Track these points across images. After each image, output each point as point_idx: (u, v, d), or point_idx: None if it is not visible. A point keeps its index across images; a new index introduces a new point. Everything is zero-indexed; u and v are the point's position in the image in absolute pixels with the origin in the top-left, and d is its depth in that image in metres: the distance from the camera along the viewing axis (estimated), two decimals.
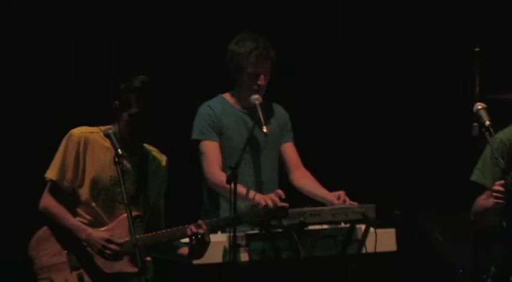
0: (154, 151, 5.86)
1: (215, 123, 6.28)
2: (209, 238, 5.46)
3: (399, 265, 6.82)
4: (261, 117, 5.84)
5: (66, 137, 5.62)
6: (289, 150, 6.30)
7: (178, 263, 5.86)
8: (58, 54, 8.79)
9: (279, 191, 5.83)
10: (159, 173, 5.77)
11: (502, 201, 5.24)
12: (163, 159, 5.76)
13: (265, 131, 5.80)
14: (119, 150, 5.33)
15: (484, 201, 5.34)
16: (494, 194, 5.26)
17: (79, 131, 5.70)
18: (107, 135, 5.56)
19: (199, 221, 5.45)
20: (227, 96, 6.29)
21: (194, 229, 5.32)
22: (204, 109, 6.29)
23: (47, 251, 5.74)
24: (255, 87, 6.07)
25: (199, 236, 5.35)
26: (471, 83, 6.69)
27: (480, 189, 5.40)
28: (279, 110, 6.42)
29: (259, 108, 5.90)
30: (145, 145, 5.85)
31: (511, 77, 7.32)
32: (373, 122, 8.30)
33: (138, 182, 5.77)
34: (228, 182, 5.48)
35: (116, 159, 5.39)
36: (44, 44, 8.83)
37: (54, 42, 8.87)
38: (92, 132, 5.69)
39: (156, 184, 5.82)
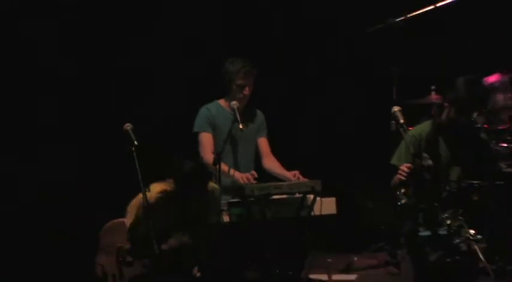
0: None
1: (210, 120, 7.45)
2: None
3: (339, 225, 7.78)
4: (238, 118, 6.93)
5: None
6: (262, 143, 7.59)
7: None
8: None
9: (253, 172, 7.13)
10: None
11: (403, 177, 6.47)
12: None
13: (240, 127, 6.90)
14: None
15: (397, 178, 6.58)
16: (399, 172, 6.49)
17: None
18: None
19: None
20: (221, 101, 7.50)
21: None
22: (203, 110, 7.51)
23: (112, 238, 6.89)
24: (241, 95, 7.28)
25: None
26: (390, 91, 7.58)
27: (396, 169, 6.62)
28: (258, 113, 7.62)
29: (236, 111, 6.98)
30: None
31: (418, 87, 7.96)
32: (323, 120, 9.31)
33: None
34: (214, 164, 6.71)
35: None
36: None
37: None
38: None
39: None
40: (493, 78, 8.00)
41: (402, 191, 6.52)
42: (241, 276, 7.07)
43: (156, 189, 6.75)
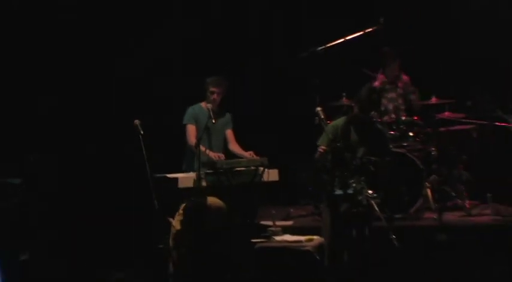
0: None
1: (194, 116, 8.06)
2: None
3: (280, 187, 8.12)
4: (211, 115, 7.55)
5: None
6: (229, 133, 8.19)
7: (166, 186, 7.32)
8: None
9: (222, 154, 7.86)
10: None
11: (320, 155, 7.08)
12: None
13: (213, 121, 7.56)
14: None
15: (318, 153, 7.14)
16: (319, 150, 7.12)
17: None
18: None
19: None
20: (202, 103, 8.11)
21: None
22: (189, 109, 8.11)
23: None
24: (212, 99, 7.95)
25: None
26: (313, 95, 8.25)
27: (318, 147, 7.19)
28: (226, 113, 8.17)
29: (211, 111, 7.62)
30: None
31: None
32: (272, 116, 9.77)
33: None
34: (195, 147, 7.37)
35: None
36: None
37: None
38: None
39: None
40: (377, 82, 9.01)
41: (323, 163, 7.10)
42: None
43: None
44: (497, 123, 8.06)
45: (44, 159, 8.36)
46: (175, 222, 7.18)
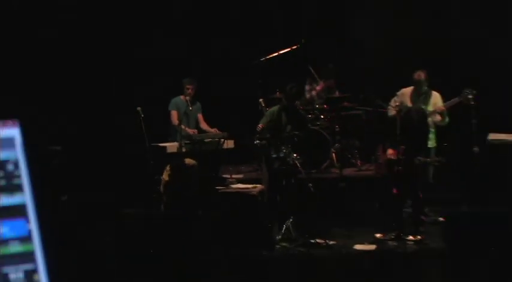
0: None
1: (176, 105, 7.88)
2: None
3: (235, 153, 8.13)
4: (189, 104, 7.72)
5: None
6: (200, 116, 8.04)
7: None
8: None
9: (195, 130, 7.77)
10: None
11: (261, 130, 7.08)
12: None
13: (190, 108, 7.73)
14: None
15: (259, 127, 7.14)
16: (258, 127, 7.13)
17: None
18: None
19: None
20: (182, 96, 7.92)
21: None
22: (173, 100, 7.92)
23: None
24: (187, 93, 7.84)
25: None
26: (257, 90, 8.34)
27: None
28: (197, 102, 7.99)
29: (187, 101, 7.75)
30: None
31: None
32: (231, 104, 9.18)
33: None
34: (178, 125, 7.45)
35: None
36: None
37: None
38: None
39: None
40: (319, 87, 9.10)
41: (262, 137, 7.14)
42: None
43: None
44: (378, 109, 8.06)
45: (77, 131, 8.19)
46: (165, 175, 7.32)
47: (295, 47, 8.70)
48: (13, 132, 1.86)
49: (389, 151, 6.68)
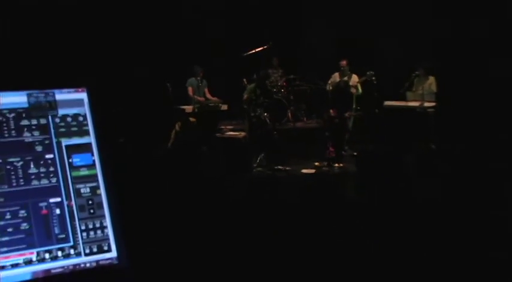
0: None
1: (191, 83, 7.82)
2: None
3: (228, 112, 7.77)
4: (199, 82, 7.59)
5: None
6: (207, 90, 7.88)
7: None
8: None
9: (203, 98, 7.65)
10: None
11: (245, 100, 6.90)
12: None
13: (200, 84, 7.69)
14: None
15: (245, 97, 7.05)
16: (244, 96, 7.09)
17: None
18: None
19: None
20: (194, 77, 7.71)
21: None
22: (189, 80, 7.79)
23: None
24: (198, 75, 7.55)
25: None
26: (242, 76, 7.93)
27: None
28: (204, 80, 7.61)
29: (198, 80, 7.47)
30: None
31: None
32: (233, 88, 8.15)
33: None
34: (192, 95, 7.59)
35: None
36: None
37: None
38: None
39: None
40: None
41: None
42: None
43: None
44: (318, 86, 8.12)
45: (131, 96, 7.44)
46: (177, 127, 7.14)
47: (266, 47, 8.44)
48: (83, 95, 1.86)
49: (331, 110, 6.71)
